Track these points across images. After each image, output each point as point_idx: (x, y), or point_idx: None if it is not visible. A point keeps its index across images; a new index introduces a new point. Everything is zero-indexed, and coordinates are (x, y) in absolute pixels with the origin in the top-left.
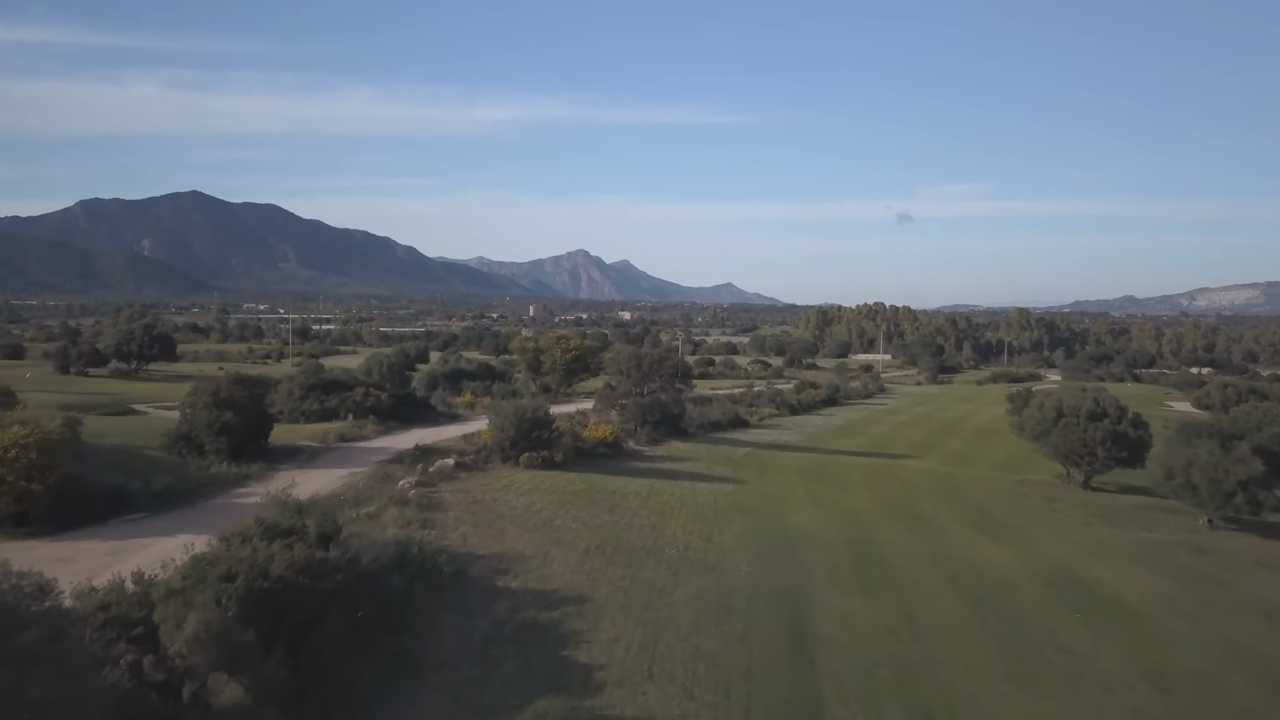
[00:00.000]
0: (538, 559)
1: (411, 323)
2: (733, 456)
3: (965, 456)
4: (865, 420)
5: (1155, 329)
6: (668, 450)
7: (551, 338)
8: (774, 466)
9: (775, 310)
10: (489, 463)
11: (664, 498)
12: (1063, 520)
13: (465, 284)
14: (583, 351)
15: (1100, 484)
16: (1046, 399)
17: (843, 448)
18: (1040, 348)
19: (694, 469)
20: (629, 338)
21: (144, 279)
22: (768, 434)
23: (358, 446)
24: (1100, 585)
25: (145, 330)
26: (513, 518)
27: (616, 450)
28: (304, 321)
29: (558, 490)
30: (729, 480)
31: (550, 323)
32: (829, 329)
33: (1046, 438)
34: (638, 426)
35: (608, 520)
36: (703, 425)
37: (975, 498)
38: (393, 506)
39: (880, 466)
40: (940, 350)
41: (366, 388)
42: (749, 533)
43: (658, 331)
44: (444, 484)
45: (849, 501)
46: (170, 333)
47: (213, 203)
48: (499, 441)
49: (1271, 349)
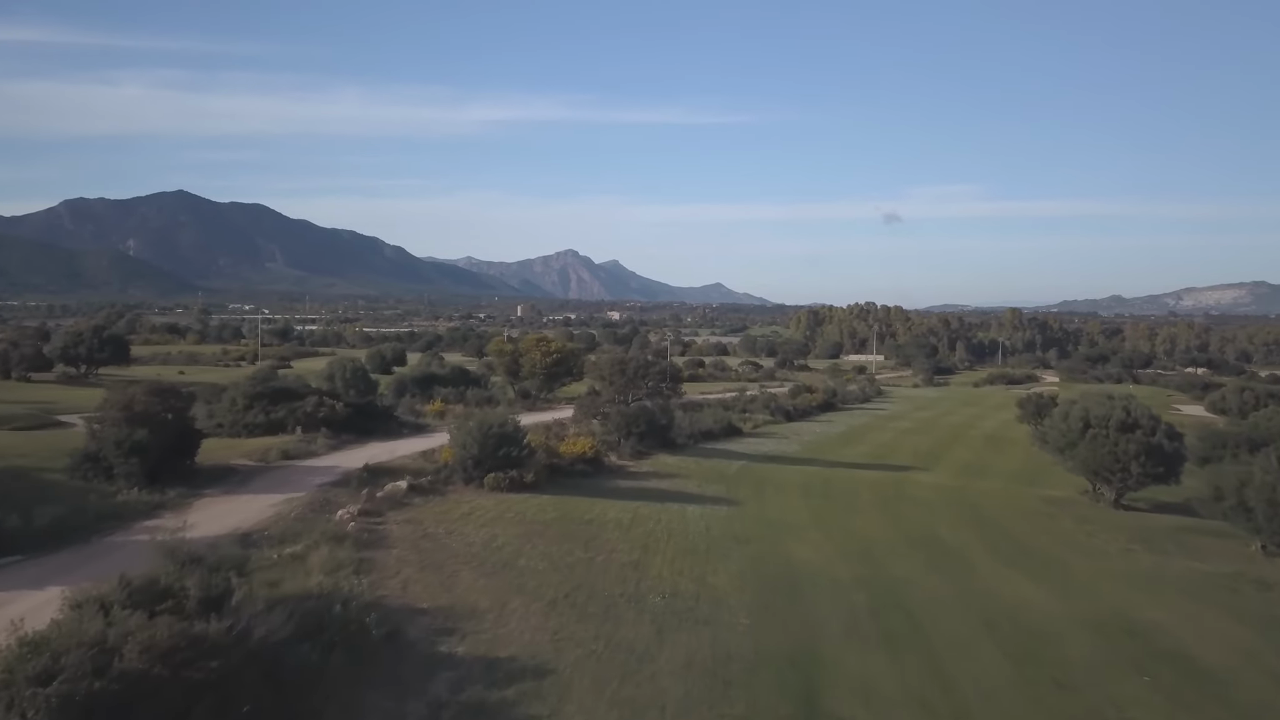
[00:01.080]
0: (493, 613)
1: (398, 323)
2: (726, 471)
3: (977, 468)
4: (866, 427)
5: (1149, 329)
6: (654, 465)
7: (530, 339)
8: (772, 483)
9: (765, 310)
10: (449, 485)
11: (649, 526)
12: (1099, 547)
13: (454, 284)
14: (565, 354)
15: (1131, 501)
16: (1071, 408)
17: (845, 459)
18: (1033, 348)
19: (683, 487)
20: (617, 338)
21: (129, 279)
22: (763, 443)
23: (302, 466)
24: (1162, 634)
25: (95, 332)
26: (468, 556)
27: (597, 467)
28: (286, 322)
29: (525, 519)
30: (723, 501)
31: (538, 323)
32: (820, 329)
33: (1072, 451)
34: (621, 438)
35: (582, 557)
36: (693, 435)
37: (998, 519)
38: (324, 545)
39: (888, 482)
40: (934, 351)
41: (320, 397)
42: (747, 571)
43: (646, 332)
44: (392, 513)
45: (858, 526)
46: (125, 334)
47: (200, 203)
48: (460, 461)
49: (1265, 349)
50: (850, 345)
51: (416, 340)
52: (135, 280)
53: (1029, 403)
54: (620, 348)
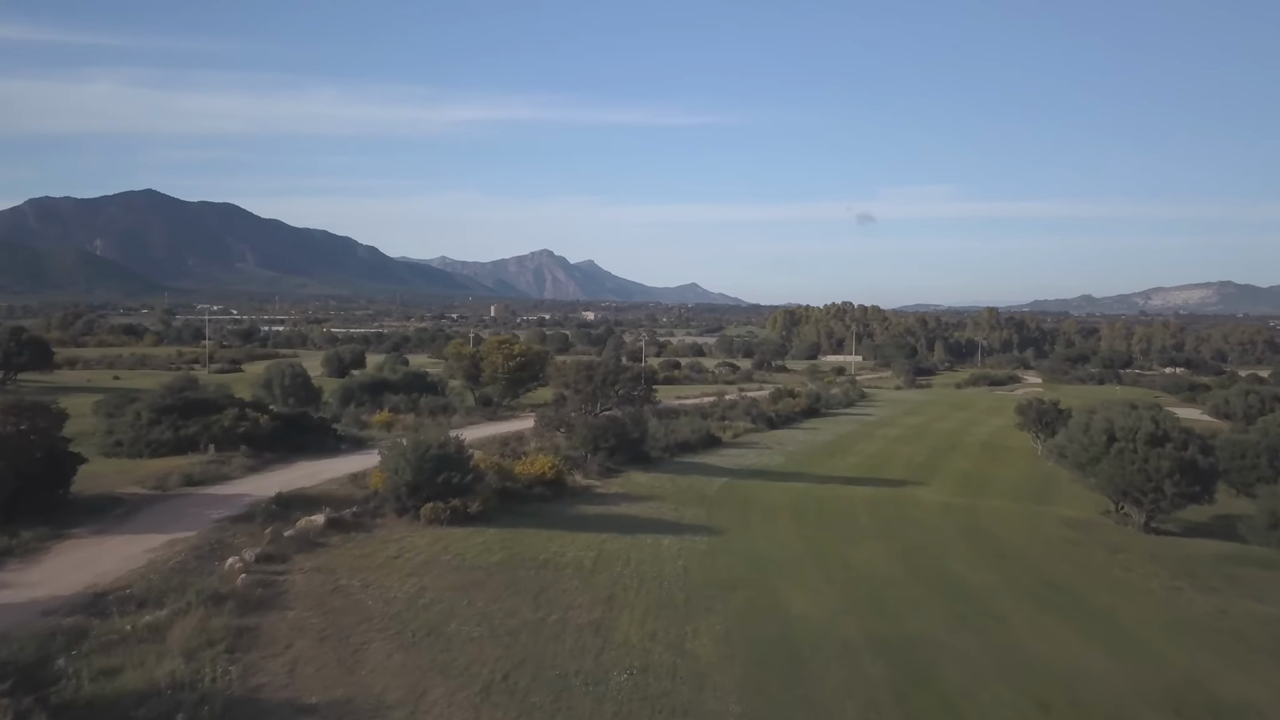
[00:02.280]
0: (405, 707)
1: (368, 324)
2: (706, 491)
3: (979, 481)
4: (853, 435)
5: (1125, 328)
6: (625, 485)
7: (492, 341)
8: (758, 504)
9: (740, 310)
10: (378, 517)
11: (615, 568)
12: (1140, 584)
13: (428, 284)
14: (530, 357)
15: (1159, 523)
16: (1091, 419)
17: (835, 472)
18: (1010, 347)
19: (658, 513)
20: (592, 339)
21: (95, 280)
22: (745, 455)
23: (206, 494)
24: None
25: (12, 334)
26: (385, 620)
27: (558, 490)
28: (253, 323)
29: (465, 563)
30: (703, 530)
31: (512, 323)
32: (796, 329)
33: (1094, 467)
34: (588, 454)
35: (530, 618)
36: (668, 447)
37: (1018, 549)
38: (197, 608)
39: (886, 500)
40: (913, 351)
41: (242, 409)
42: (735, 631)
43: (622, 332)
44: (301, 557)
45: (861, 561)
46: (80, 335)
47: (168, 202)
48: (392, 488)
49: (1240, 348)
50: (828, 346)
51: (383, 341)
52: (102, 280)
53: (1029, 409)
54: (595, 348)
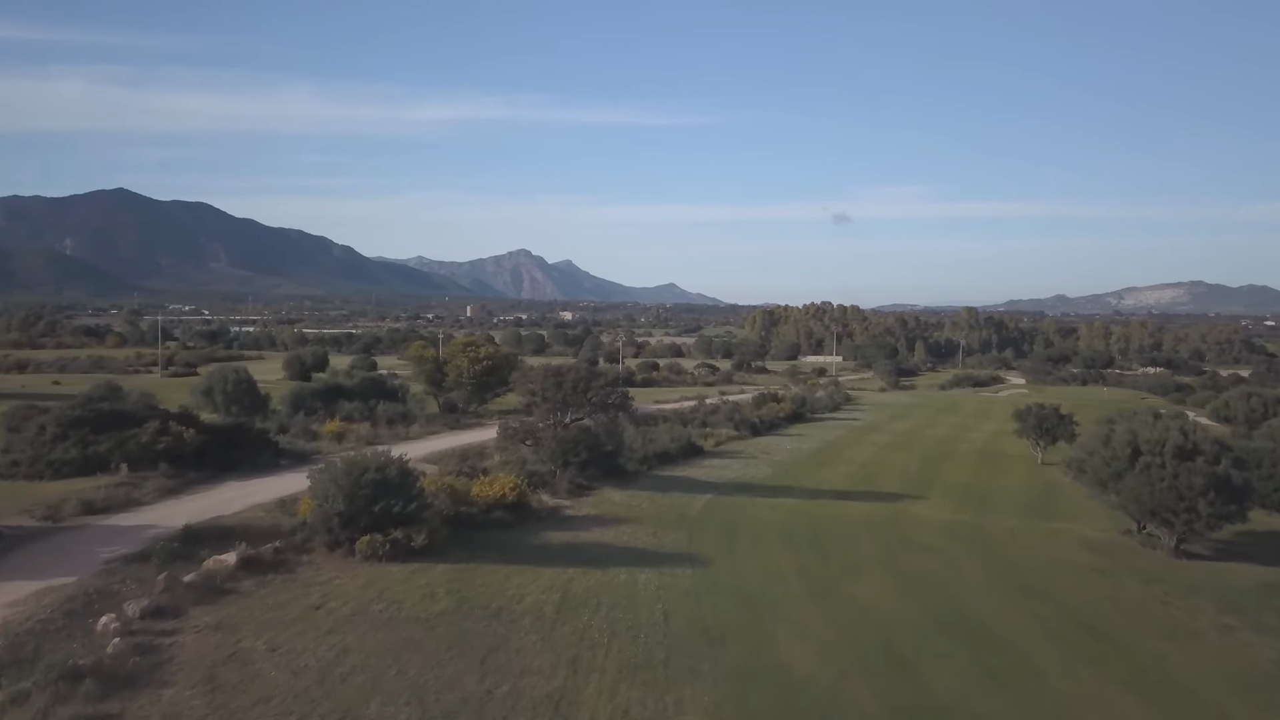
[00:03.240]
0: None
1: (342, 324)
2: (688, 510)
3: (980, 494)
4: (841, 442)
5: (1103, 328)
6: (599, 504)
7: (457, 343)
8: (746, 527)
9: (718, 310)
10: (306, 553)
11: (583, 618)
12: (1185, 623)
13: (404, 284)
14: (497, 360)
15: (1188, 543)
16: (1112, 430)
17: (825, 485)
18: (989, 347)
19: (634, 539)
20: (568, 339)
21: (65, 279)
22: (729, 465)
23: (105, 525)
24: None
25: None
26: (288, 700)
27: (521, 514)
28: (223, 323)
29: (402, 613)
30: (685, 560)
31: (489, 323)
32: (775, 329)
33: (1118, 483)
34: (557, 470)
35: (474, 691)
36: (646, 459)
37: (1041, 580)
38: (43, 690)
39: (885, 519)
40: (894, 352)
41: (164, 422)
42: (728, 704)
43: (599, 333)
44: (199, 610)
45: (868, 597)
46: (40, 336)
47: (140, 201)
48: (322, 518)
49: (1218, 348)
50: (807, 346)
51: (354, 342)
52: (71, 280)
53: (1029, 415)
54: (571, 349)
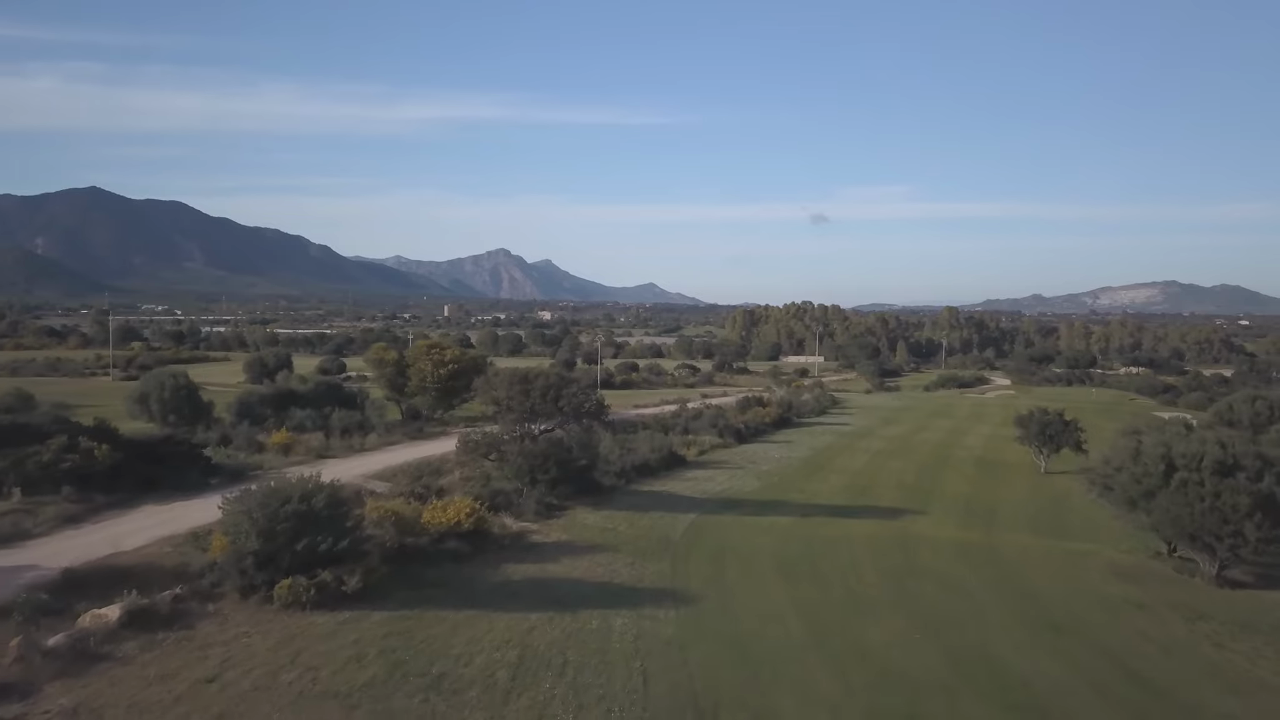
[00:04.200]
0: None
1: (318, 324)
2: (671, 533)
3: (984, 508)
4: (832, 449)
5: (1084, 328)
6: (570, 527)
7: (420, 346)
8: (736, 553)
9: (698, 310)
10: (214, 600)
11: (544, 684)
12: (1248, 671)
13: (382, 284)
14: (464, 364)
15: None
16: (1142, 443)
17: (819, 498)
18: (970, 347)
19: (609, 571)
20: (546, 339)
21: (36, 279)
22: (714, 477)
23: None
24: None
25: None
26: None
27: (481, 542)
28: (193, 324)
29: (317, 686)
30: (668, 598)
31: (466, 323)
32: (756, 329)
33: (1150, 502)
34: (524, 488)
35: None
36: (624, 472)
37: (1073, 618)
38: None
39: (888, 540)
40: (876, 352)
41: (73, 437)
42: None
43: (578, 332)
44: (56, 686)
45: (881, 645)
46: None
47: (113, 199)
48: (234, 559)
49: (1197, 347)
50: (788, 346)
51: (326, 343)
52: (43, 280)
53: (1031, 421)
54: (549, 349)
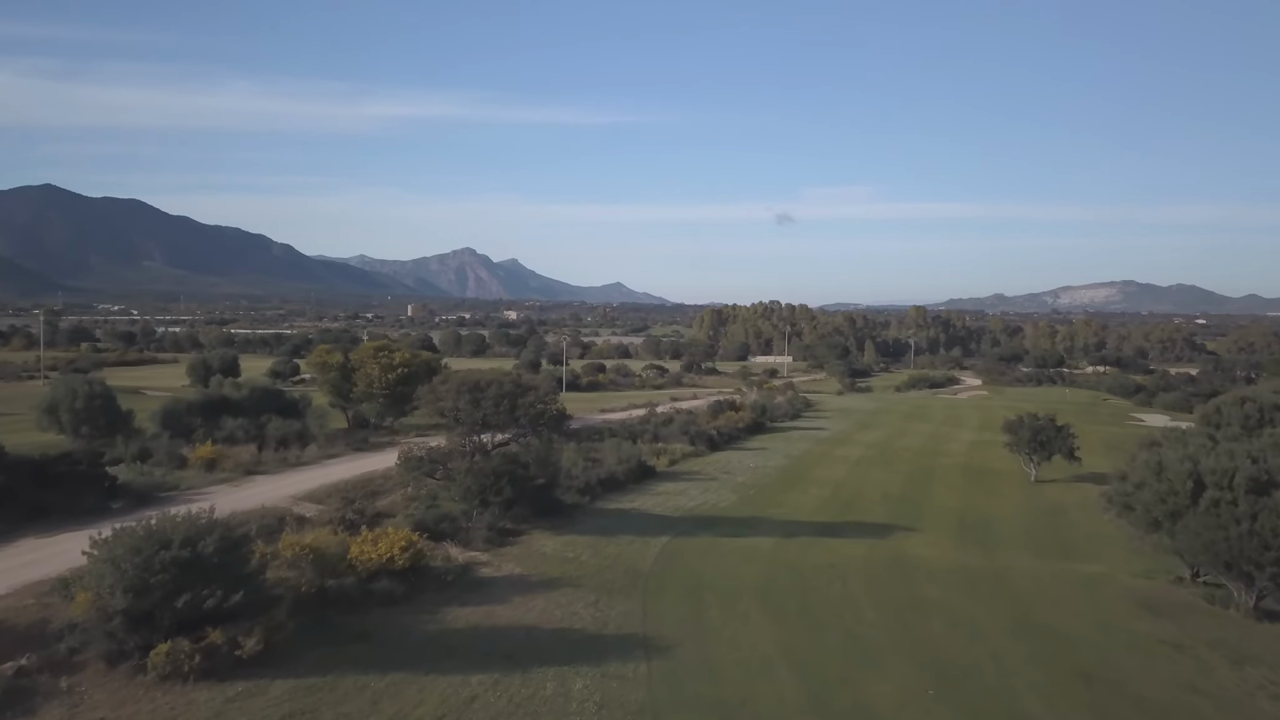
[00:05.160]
0: None
1: (279, 324)
2: (640, 562)
3: (979, 523)
4: (809, 457)
5: (1049, 327)
6: (525, 556)
7: (367, 348)
8: (715, 586)
9: (665, 310)
10: (71, 673)
11: None
12: None
13: (346, 283)
14: (415, 368)
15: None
16: (1164, 455)
17: (801, 514)
18: (937, 346)
19: (568, 614)
20: (511, 339)
21: None
22: (687, 491)
23: None
24: None
25: None
26: None
27: (418, 580)
28: (147, 324)
29: None
30: (638, 647)
31: (430, 323)
32: (724, 329)
33: (1178, 524)
34: (474, 511)
35: None
36: (588, 488)
37: (1103, 663)
38: None
39: (883, 565)
40: (845, 351)
41: None
42: None
43: (545, 332)
44: None
45: (886, 703)
46: None
47: (69, 197)
48: (100, 619)
49: (1161, 346)
50: (757, 346)
51: (283, 343)
52: None
53: (1021, 427)
54: (514, 350)
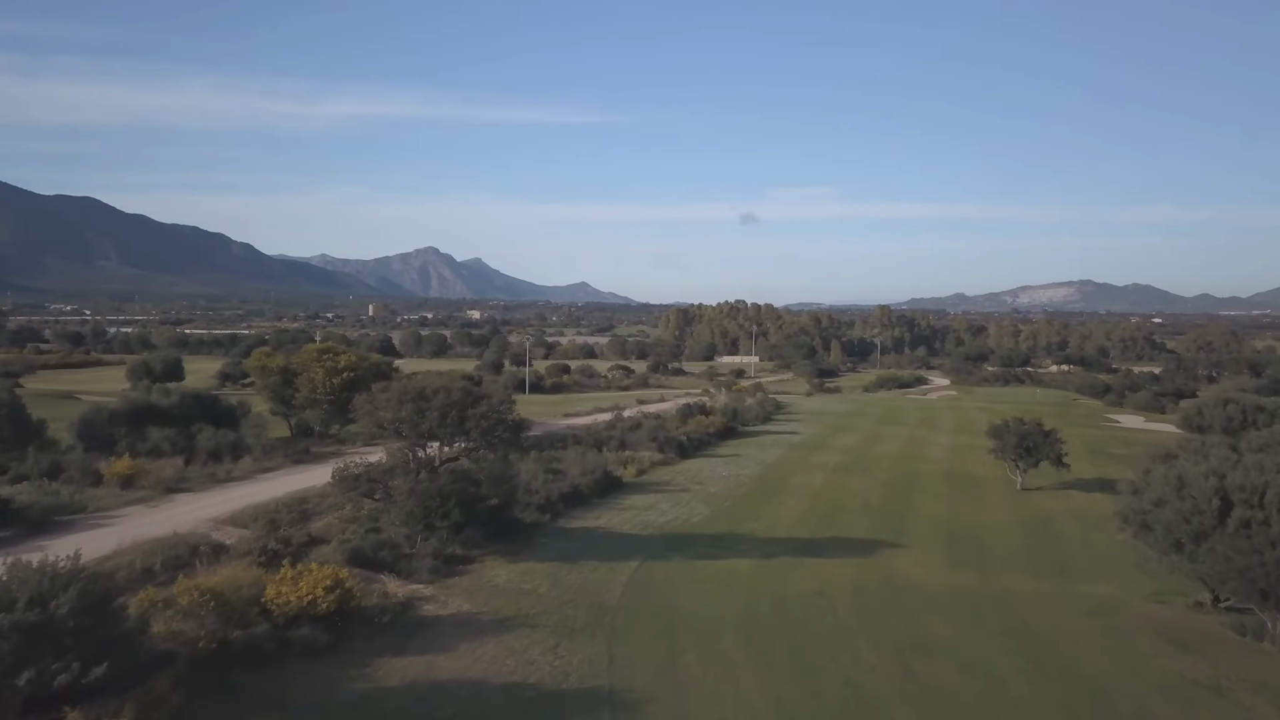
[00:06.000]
0: None
1: (237, 324)
2: (606, 593)
3: (968, 537)
4: (784, 464)
5: (1012, 326)
6: (475, 590)
7: (310, 350)
8: (691, 625)
9: (630, 309)
10: None
11: None
12: None
13: (307, 283)
14: (363, 371)
15: None
16: (1184, 469)
17: (780, 530)
18: (902, 345)
19: (521, 664)
20: (473, 340)
21: None
22: (657, 505)
23: None
24: None
25: None
26: None
27: (344, 626)
28: (98, 324)
29: None
30: (602, 707)
31: (391, 323)
32: (690, 329)
33: (1202, 546)
34: (417, 537)
35: None
36: (549, 504)
37: (1138, 714)
38: None
39: (875, 589)
40: (812, 351)
41: None
42: None
43: (508, 332)
44: None
45: None
46: None
47: (20, 194)
48: None
49: (1122, 345)
50: (723, 345)
51: (238, 344)
52: None
53: (1007, 433)
54: (477, 350)
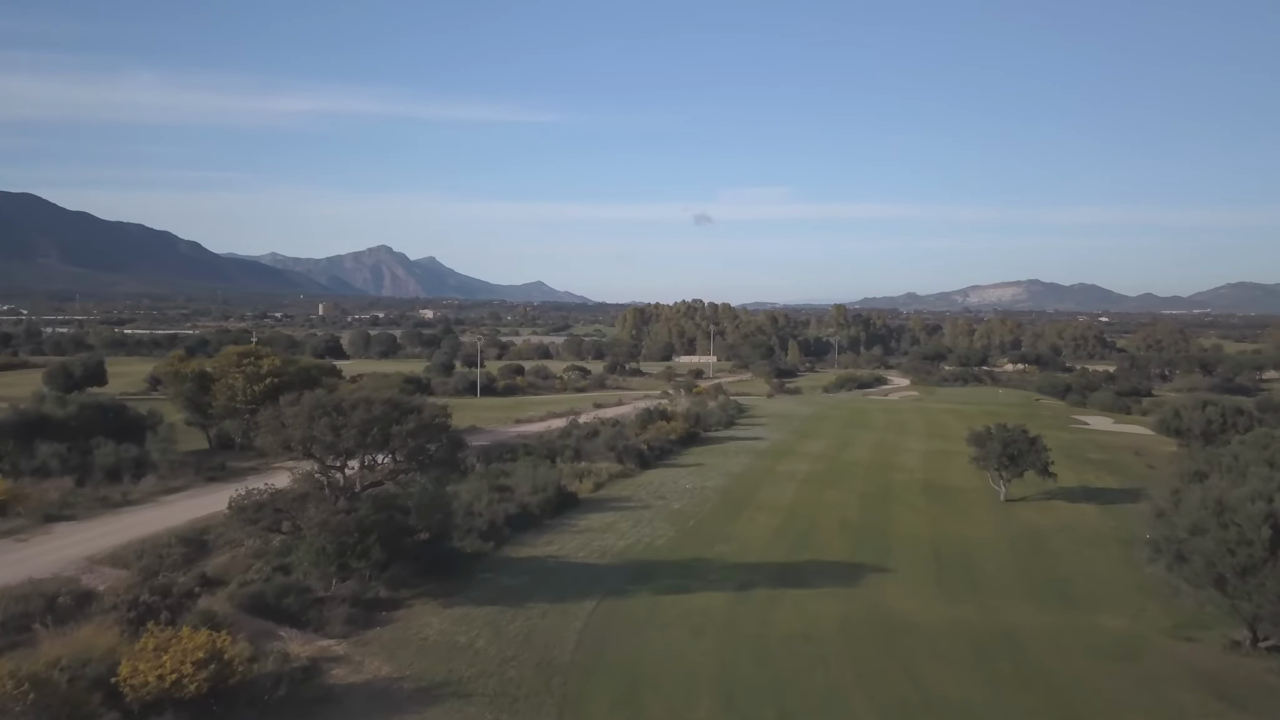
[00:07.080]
0: None
1: (182, 324)
2: (557, 646)
3: (956, 556)
4: (752, 475)
5: (967, 325)
6: (398, 646)
7: (229, 354)
8: (656, 684)
9: (586, 309)
10: None
11: None
12: None
13: (257, 282)
14: (289, 377)
15: None
16: (1224, 493)
17: (753, 554)
18: (858, 345)
19: None
20: (424, 340)
21: None
22: (616, 525)
23: None
24: None
25: None
26: None
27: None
28: (32, 323)
29: None
30: None
31: (342, 322)
32: (648, 328)
33: (1249, 581)
34: (333, 579)
35: None
36: (494, 528)
37: None
38: None
39: (866, 629)
40: (770, 351)
41: None
42: None
43: (461, 332)
44: None
45: None
46: None
47: None
48: None
49: (1074, 344)
50: (680, 345)
51: (177, 344)
52: None
53: (990, 440)
54: (428, 350)
